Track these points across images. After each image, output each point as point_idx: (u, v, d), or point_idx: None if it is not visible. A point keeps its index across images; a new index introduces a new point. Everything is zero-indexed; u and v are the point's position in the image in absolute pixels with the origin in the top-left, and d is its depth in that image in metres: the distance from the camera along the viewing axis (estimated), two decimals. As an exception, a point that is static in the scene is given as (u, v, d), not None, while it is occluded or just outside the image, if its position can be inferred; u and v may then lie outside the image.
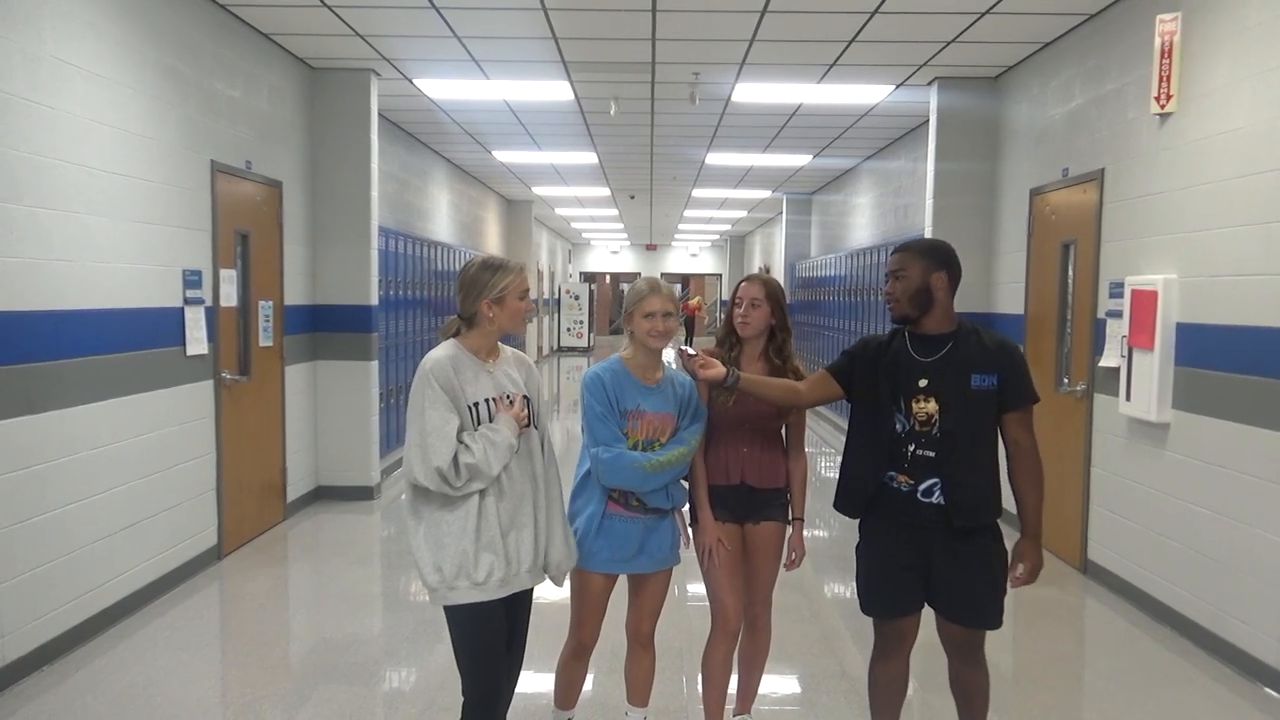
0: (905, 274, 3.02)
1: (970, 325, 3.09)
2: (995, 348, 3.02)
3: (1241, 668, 4.34)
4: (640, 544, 3.21)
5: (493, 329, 2.94)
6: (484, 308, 2.91)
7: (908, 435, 2.99)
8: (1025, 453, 3.02)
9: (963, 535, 2.99)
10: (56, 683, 4.12)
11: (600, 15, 6.06)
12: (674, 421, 3.22)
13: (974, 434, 2.97)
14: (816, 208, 15.49)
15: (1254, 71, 4.34)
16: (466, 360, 2.90)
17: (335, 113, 7.44)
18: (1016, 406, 3.01)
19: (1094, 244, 5.75)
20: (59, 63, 4.33)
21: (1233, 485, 4.44)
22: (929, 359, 3.01)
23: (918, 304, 3.00)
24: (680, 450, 3.17)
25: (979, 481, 2.99)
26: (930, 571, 3.03)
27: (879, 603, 3.14)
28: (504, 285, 2.91)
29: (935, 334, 3.03)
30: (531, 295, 3.18)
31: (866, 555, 3.17)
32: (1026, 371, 3.06)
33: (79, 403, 4.50)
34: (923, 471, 2.98)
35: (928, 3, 5.69)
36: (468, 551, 2.79)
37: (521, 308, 2.95)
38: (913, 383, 2.99)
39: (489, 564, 2.80)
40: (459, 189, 13.02)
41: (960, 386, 2.96)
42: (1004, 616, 3.12)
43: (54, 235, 4.30)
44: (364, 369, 7.62)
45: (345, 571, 5.97)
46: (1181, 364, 4.85)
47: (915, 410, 2.98)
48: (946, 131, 7.54)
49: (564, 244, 27.90)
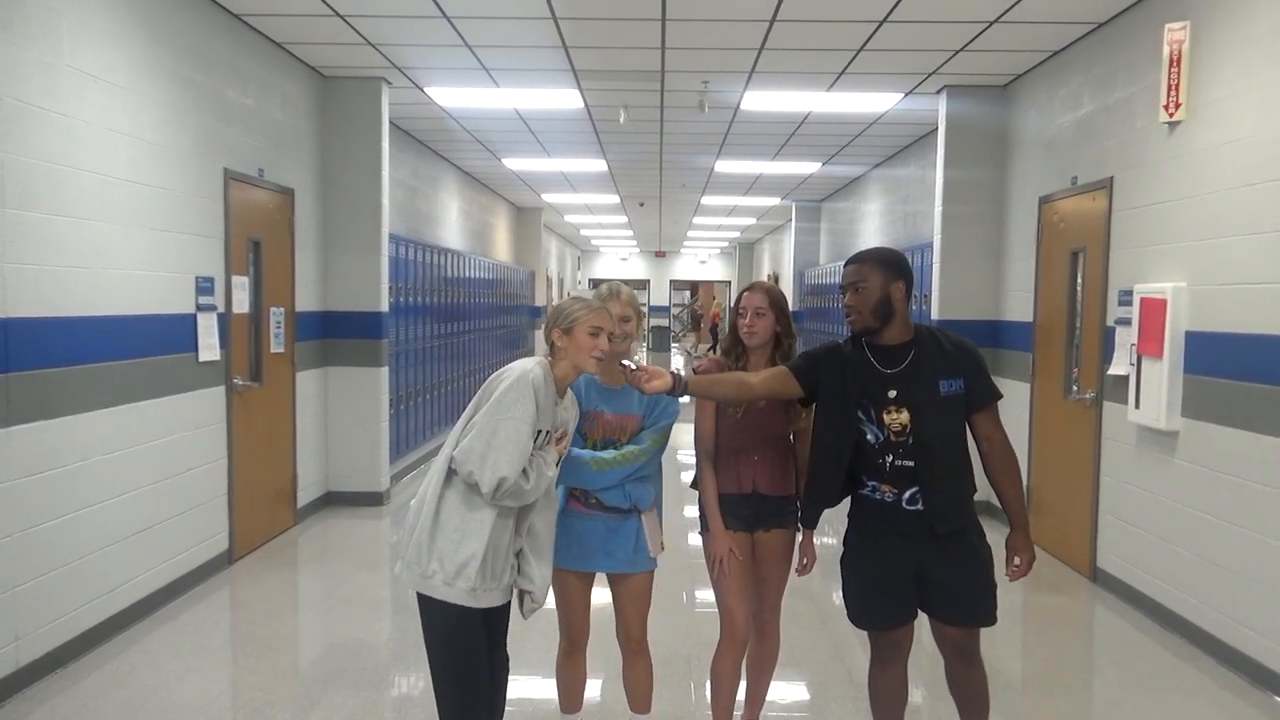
0: (865, 285, 3.00)
1: (926, 330, 3.09)
2: (956, 351, 3.03)
3: (1251, 676, 4.33)
4: (602, 543, 3.26)
5: (564, 362, 2.94)
6: (555, 335, 2.94)
7: (884, 446, 3.00)
8: (999, 447, 3.06)
9: (947, 537, 3.01)
10: (69, 686, 4.15)
11: (610, 24, 6.09)
12: (638, 422, 3.27)
13: (947, 439, 2.99)
14: (825, 215, 15.50)
15: (1262, 80, 4.35)
16: (550, 387, 2.91)
17: (347, 121, 7.49)
18: (984, 405, 3.04)
19: (1103, 252, 5.75)
20: (75, 72, 4.38)
21: (1242, 493, 4.43)
22: (894, 369, 3.00)
23: (879, 315, 3.00)
24: (632, 450, 3.21)
25: (955, 485, 3.02)
26: (921, 577, 3.05)
27: (872, 615, 3.15)
28: (575, 317, 2.91)
29: (895, 344, 3.02)
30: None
31: (855, 568, 3.17)
32: (986, 369, 3.10)
33: (93, 408, 4.54)
34: (904, 481, 2.99)
35: (936, 12, 5.71)
36: (476, 556, 2.80)
37: (590, 344, 2.90)
38: (881, 394, 2.98)
39: (489, 574, 2.83)
40: (469, 196, 13.07)
41: (930, 394, 2.97)
42: (1000, 615, 3.14)
43: (69, 242, 4.35)
44: (374, 375, 7.66)
45: (355, 576, 5.99)
46: (1190, 372, 4.85)
47: (888, 421, 2.98)
48: (955, 139, 7.55)
49: (573, 251, 27.95)
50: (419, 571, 2.83)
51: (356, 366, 7.61)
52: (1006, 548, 3.08)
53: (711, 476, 3.34)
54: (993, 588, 3.09)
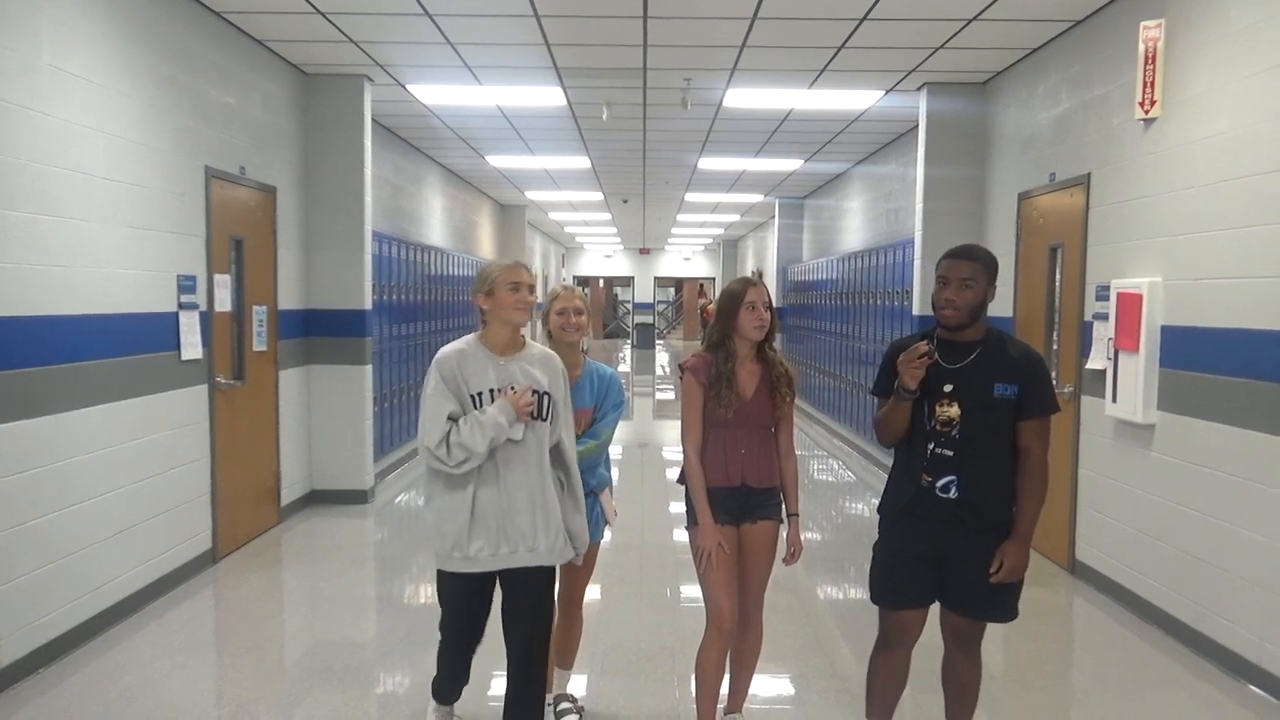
0: (974, 284, 3.01)
1: (998, 334, 3.13)
2: (1021, 358, 3.06)
3: (1227, 665, 4.39)
4: None
5: (496, 321, 3.22)
6: (480, 301, 3.22)
7: (928, 435, 3.06)
8: (1035, 462, 3.05)
9: (978, 531, 3.05)
10: (52, 686, 4.14)
11: (592, 22, 6.10)
12: (589, 415, 3.57)
13: (992, 439, 3.02)
14: (809, 212, 15.56)
15: (1236, 77, 4.41)
16: (478, 353, 3.20)
17: (329, 118, 7.48)
18: (1032, 415, 3.04)
19: (1080, 247, 5.81)
20: (56, 71, 4.36)
21: (1216, 485, 4.50)
22: (955, 365, 3.04)
23: (975, 314, 3.03)
24: (589, 445, 3.52)
25: (994, 484, 3.04)
26: (944, 564, 3.09)
27: (890, 592, 3.19)
28: (494, 279, 3.20)
29: (965, 341, 3.07)
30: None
31: (882, 545, 3.23)
32: (1048, 382, 3.09)
33: (74, 407, 4.53)
34: (940, 469, 3.04)
35: (916, 10, 5.75)
36: (463, 530, 3.15)
37: (513, 298, 3.18)
38: (938, 387, 3.03)
39: (479, 544, 3.16)
40: (452, 193, 13.05)
41: (984, 395, 3.01)
42: (1019, 610, 3.17)
43: (50, 241, 4.34)
44: (358, 373, 7.65)
45: (339, 575, 5.99)
46: (1166, 366, 4.91)
47: (938, 413, 3.03)
48: (936, 136, 7.61)
49: (558, 248, 27.93)
50: (435, 550, 3.23)
51: (340, 365, 7.60)
52: (997, 550, 3.07)
53: (700, 470, 3.37)
54: (1015, 585, 3.11)
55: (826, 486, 9.39)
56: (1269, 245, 4.14)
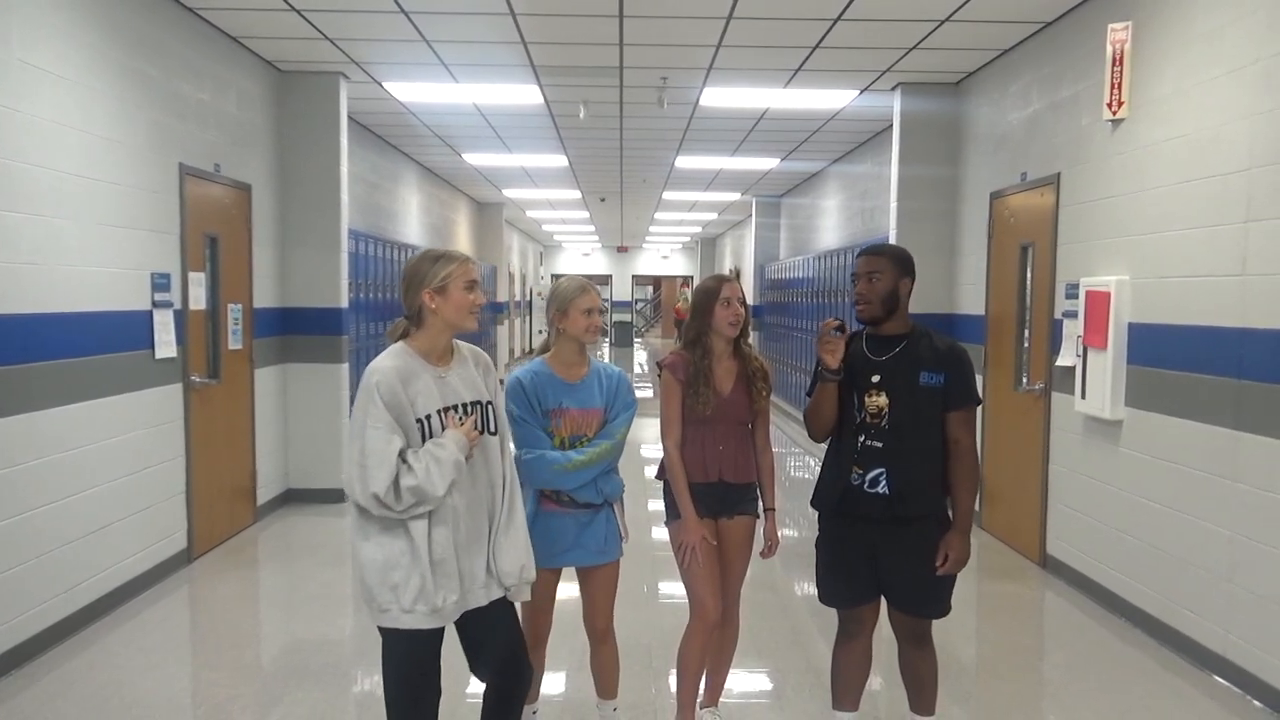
0: (879, 277, 3.16)
1: (923, 329, 3.26)
2: (945, 349, 3.20)
3: (1193, 656, 4.48)
4: (575, 538, 3.32)
5: (439, 324, 2.73)
6: (426, 298, 2.70)
7: (859, 427, 3.17)
8: (963, 452, 3.18)
9: (906, 524, 3.14)
10: (27, 685, 4.12)
11: (568, 20, 6.12)
12: (601, 415, 3.33)
13: (919, 426, 3.14)
14: (785, 210, 15.64)
15: (1200, 79, 4.49)
16: (416, 367, 2.71)
17: (304, 116, 7.45)
18: (958, 406, 3.18)
19: (1051, 246, 5.90)
20: (26, 66, 4.33)
21: (1182, 480, 4.58)
22: (883, 357, 3.18)
23: (887, 306, 3.16)
24: (603, 446, 3.29)
25: (922, 471, 3.15)
26: (877, 562, 3.19)
27: (835, 594, 3.34)
28: (446, 274, 2.70)
29: (891, 335, 3.20)
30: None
31: (822, 548, 3.35)
32: (972, 374, 3.25)
33: (48, 406, 4.50)
34: (870, 461, 3.14)
35: (889, 10, 5.81)
36: (426, 578, 2.63)
37: (468, 300, 2.71)
38: (866, 378, 3.16)
39: (445, 591, 2.67)
40: (429, 191, 13.02)
41: (909, 382, 3.13)
42: (951, 605, 3.25)
43: (22, 238, 4.30)
44: (334, 372, 7.63)
45: (316, 573, 5.98)
46: (1133, 363, 4.99)
47: (868, 404, 3.15)
48: (910, 136, 7.68)
49: (535, 246, 27.89)
50: (379, 604, 2.68)
51: (316, 363, 7.57)
52: (940, 544, 3.16)
53: (682, 465, 3.41)
54: (947, 581, 3.20)
55: (803, 483, 9.45)
56: (1232, 244, 4.22)
